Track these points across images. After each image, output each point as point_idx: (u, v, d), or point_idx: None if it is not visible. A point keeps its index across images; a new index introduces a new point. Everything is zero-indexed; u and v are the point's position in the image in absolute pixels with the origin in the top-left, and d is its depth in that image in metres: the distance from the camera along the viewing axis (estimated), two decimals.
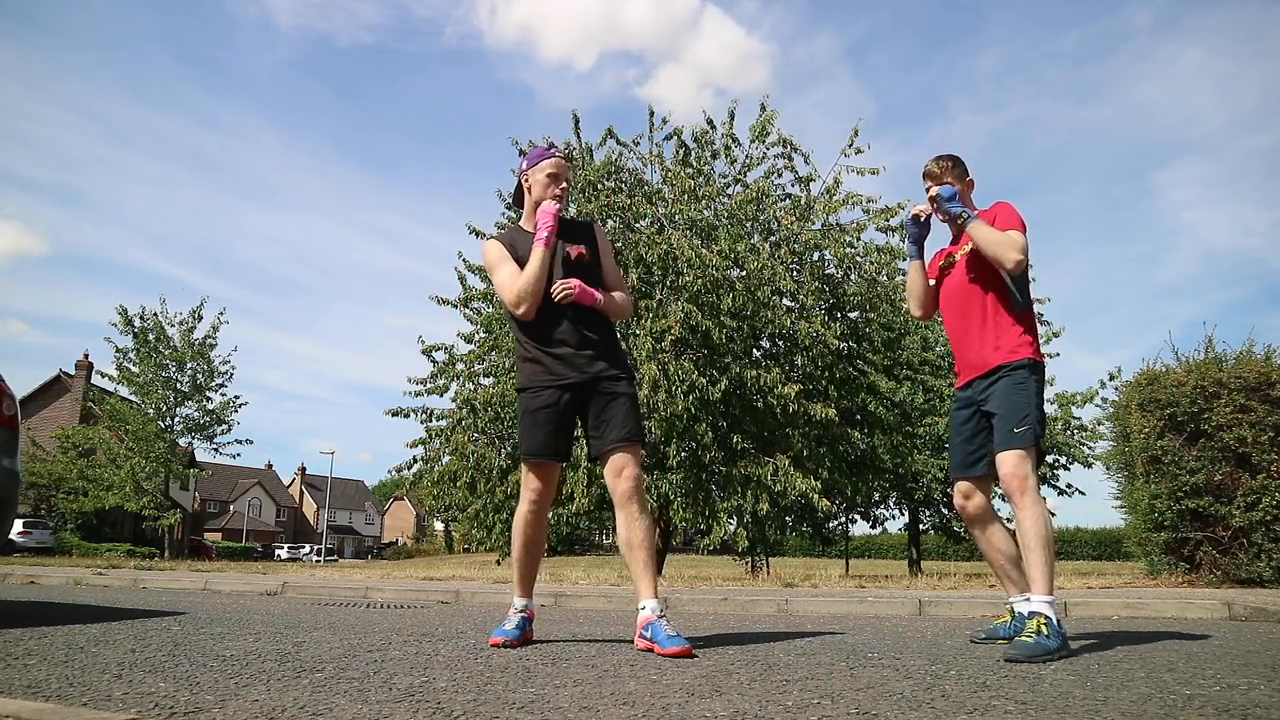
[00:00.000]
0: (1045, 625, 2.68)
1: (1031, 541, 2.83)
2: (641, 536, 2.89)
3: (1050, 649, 2.61)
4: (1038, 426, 2.95)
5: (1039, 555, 2.81)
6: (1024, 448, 2.91)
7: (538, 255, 3.01)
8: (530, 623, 3.11)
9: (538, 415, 3.04)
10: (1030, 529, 2.83)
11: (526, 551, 3.14)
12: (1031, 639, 2.64)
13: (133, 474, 21.99)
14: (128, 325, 21.75)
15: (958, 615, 4.62)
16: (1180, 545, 6.54)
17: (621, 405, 2.99)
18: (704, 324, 9.71)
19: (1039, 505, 2.88)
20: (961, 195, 3.20)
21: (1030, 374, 3.01)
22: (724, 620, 4.40)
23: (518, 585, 3.14)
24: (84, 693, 1.91)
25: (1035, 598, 2.79)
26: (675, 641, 2.63)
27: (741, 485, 10.11)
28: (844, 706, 1.83)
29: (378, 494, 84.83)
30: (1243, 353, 6.85)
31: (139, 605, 4.78)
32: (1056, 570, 3.02)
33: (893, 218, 10.99)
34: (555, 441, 3.04)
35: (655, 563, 2.92)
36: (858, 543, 47.70)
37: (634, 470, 2.92)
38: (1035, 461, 2.92)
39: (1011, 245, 2.97)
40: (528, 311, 3.02)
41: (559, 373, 3.02)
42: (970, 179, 3.26)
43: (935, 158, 3.25)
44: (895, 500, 21.02)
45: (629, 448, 2.94)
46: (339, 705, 1.79)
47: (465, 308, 12.16)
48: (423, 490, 11.97)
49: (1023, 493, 2.88)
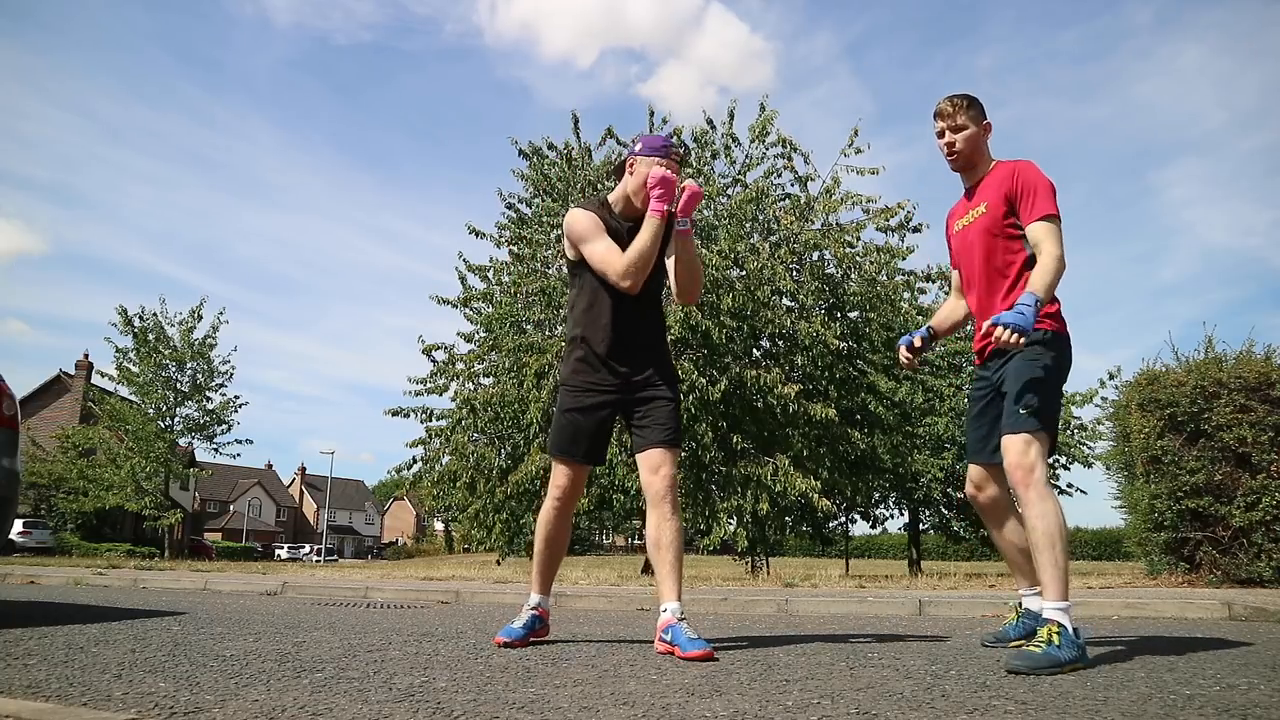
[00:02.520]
0: (1058, 634, 2.38)
1: (1040, 541, 2.52)
2: (670, 538, 2.84)
3: (1061, 660, 2.33)
4: (1049, 408, 2.61)
5: (1048, 556, 2.50)
6: (1031, 432, 2.57)
7: (652, 226, 2.85)
8: (541, 621, 3.08)
9: (574, 416, 2.99)
10: (1038, 527, 2.52)
11: (547, 548, 3.11)
12: (1040, 649, 2.36)
13: (133, 474, 21.99)
14: (128, 325, 21.74)
15: (958, 615, 4.62)
16: (1180, 545, 6.54)
17: (664, 407, 2.95)
18: (704, 324, 9.71)
19: (1048, 500, 2.54)
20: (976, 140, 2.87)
21: (1047, 348, 2.67)
22: (724, 620, 4.40)
23: (535, 581, 3.11)
24: (84, 693, 1.91)
25: (1048, 605, 2.48)
26: (696, 645, 2.59)
27: (741, 485, 10.11)
28: (844, 706, 1.83)
29: (378, 494, 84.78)
30: (1243, 353, 6.85)
31: (139, 605, 4.78)
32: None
33: (892, 218, 11.00)
34: (589, 445, 3.00)
35: (681, 565, 2.87)
36: (858, 543, 47.70)
37: (670, 470, 2.88)
38: (1046, 449, 2.59)
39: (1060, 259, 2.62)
40: (632, 285, 2.88)
41: (603, 378, 2.97)
42: (987, 122, 2.91)
43: (949, 96, 2.89)
44: (895, 500, 21.02)
45: (668, 448, 2.89)
46: (339, 705, 1.79)
47: (465, 308, 12.17)
48: (423, 490, 11.98)
49: (1028, 486, 2.55)
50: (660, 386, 2.97)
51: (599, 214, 2.98)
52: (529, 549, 12.36)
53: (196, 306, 22.63)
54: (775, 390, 9.69)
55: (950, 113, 2.86)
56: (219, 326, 22.87)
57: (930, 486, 19.60)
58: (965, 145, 2.87)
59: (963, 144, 2.87)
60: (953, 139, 2.88)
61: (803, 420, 10.13)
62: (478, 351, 11.66)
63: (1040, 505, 2.53)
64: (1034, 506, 2.54)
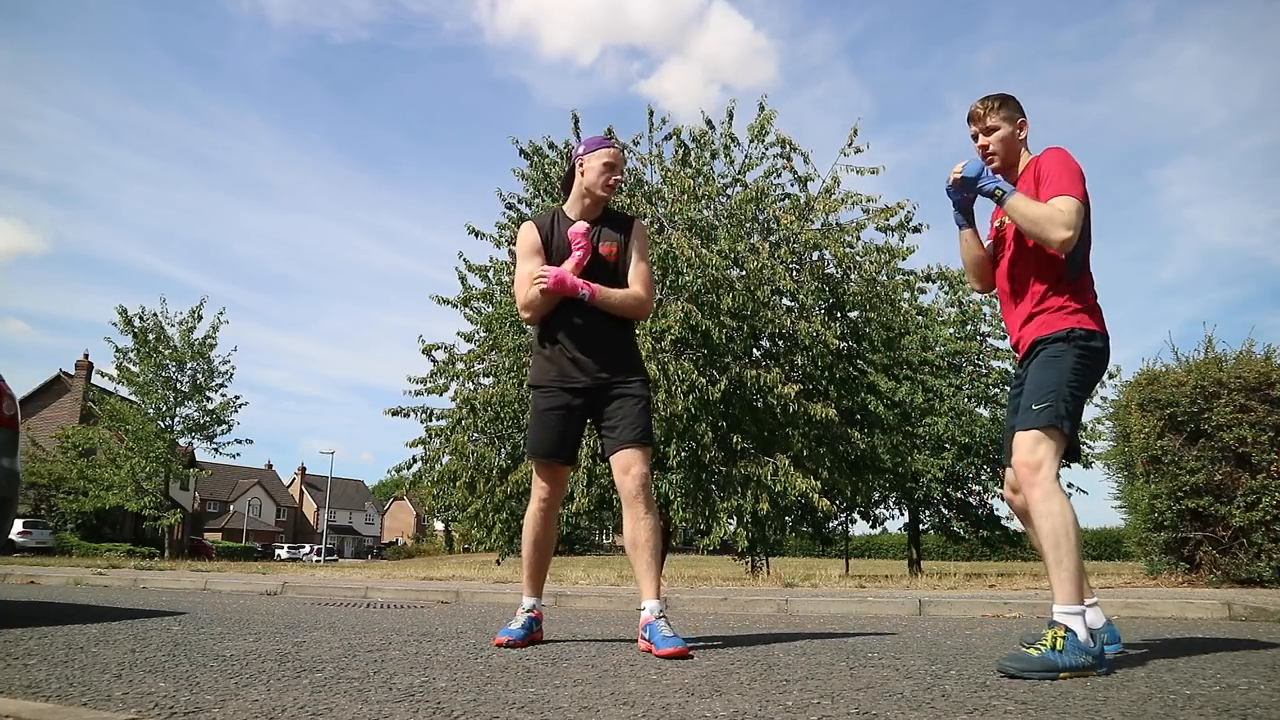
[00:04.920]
0: (1063, 638, 2.30)
1: (1046, 542, 2.44)
2: (645, 536, 2.87)
3: (1058, 666, 2.25)
4: (1062, 405, 2.49)
5: (1053, 557, 2.41)
6: (1040, 428, 2.49)
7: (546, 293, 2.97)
8: (538, 623, 3.11)
9: (546, 416, 3.04)
10: (1043, 527, 2.44)
11: (535, 550, 3.13)
12: (1038, 652, 2.29)
13: (133, 474, 22.00)
14: (128, 325, 21.75)
15: (958, 615, 4.62)
16: (1180, 545, 6.54)
17: (633, 406, 2.97)
18: (704, 324, 9.71)
19: (1054, 499, 2.44)
20: (1010, 141, 2.75)
21: (1070, 344, 2.56)
22: (724, 620, 4.40)
23: (526, 584, 3.14)
24: (84, 693, 1.91)
25: (1056, 608, 2.40)
26: (670, 642, 2.64)
27: (741, 485, 10.11)
28: (844, 706, 1.83)
29: (378, 494, 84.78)
30: (1243, 353, 6.85)
31: (139, 605, 4.78)
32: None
33: (892, 217, 11.00)
34: (562, 443, 3.03)
35: (659, 563, 2.90)
36: (858, 543, 47.70)
37: (641, 469, 2.89)
38: (1057, 447, 2.50)
39: (1056, 221, 2.50)
40: (531, 319, 3.05)
41: (570, 375, 3.01)
42: (1022, 119, 2.79)
43: (982, 98, 2.81)
44: (895, 500, 21.01)
45: (638, 447, 2.92)
46: (339, 705, 1.79)
47: (465, 307, 12.17)
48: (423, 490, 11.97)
49: (1032, 484, 2.47)
50: (629, 384, 3.00)
51: (543, 231, 3.11)
52: None
53: (197, 307, 22.67)
54: (775, 390, 9.69)
55: (981, 115, 2.78)
56: (219, 327, 22.90)
57: (930, 486, 19.59)
58: (1000, 147, 2.77)
59: (997, 146, 2.77)
60: (986, 142, 2.78)
61: (803, 420, 10.13)
62: (478, 351, 11.66)
63: (1044, 505, 2.44)
64: (1038, 506, 2.46)
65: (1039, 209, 2.54)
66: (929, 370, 17.52)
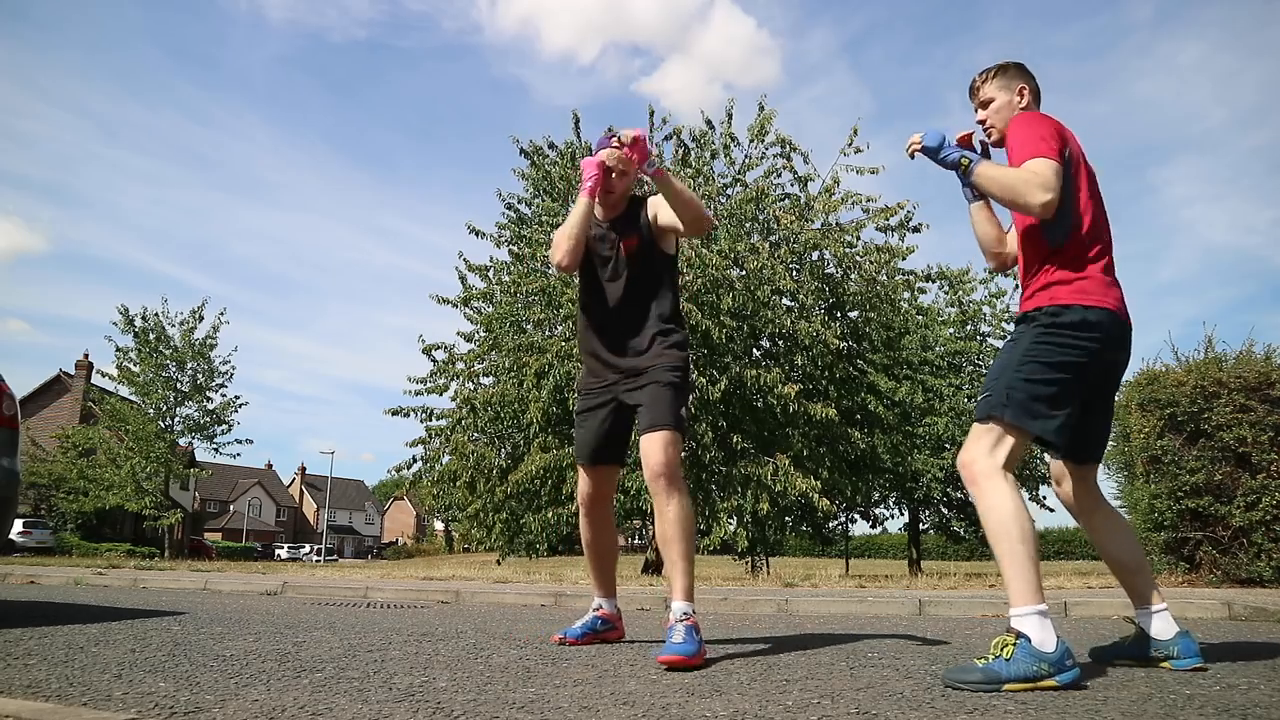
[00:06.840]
0: (1012, 646, 2.07)
1: (990, 539, 2.23)
2: (666, 530, 2.69)
3: (1002, 677, 2.03)
4: (1004, 394, 2.28)
5: (997, 554, 2.20)
6: (977, 420, 2.33)
7: (579, 205, 2.94)
8: (604, 622, 3.08)
9: (579, 419, 3.05)
10: (985, 523, 2.24)
11: (587, 551, 3.15)
12: (983, 661, 2.10)
13: (133, 474, 22.02)
14: (128, 325, 21.77)
15: (958, 615, 4.62)
16: (1180, 545, 6.54)
17: (649, 392, 2.82)
18: (704, 324, 9.71)
19: (991, 495, 2.23)
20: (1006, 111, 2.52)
21: (1029, 326, 2.36)
22: (724, 620, 4.40)
23: (593, 585, 3.19)
24: (84, 693, 1.91)
25: (1011, 611, 2.17)
26: (671, 649, 2.41)
27: (741, 485, 10.12)
28: (844, 706, 1.83)
29: (378, 494, 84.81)
30: (1243, 352, 6.85)
31: (139, 605, 4.78)
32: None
33: (892, 217, 11.00)
34: (597, 444, 2.99)
35: (687, 560, 2.68)
36: (858, 543, 47.73)
37: (658, 456, 2.69)
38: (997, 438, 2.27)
39: (1033, 184, 2.25)
40: (562, 258, 2.92)
41: (602, 375, 2.99)
42: (1022, 86, 2.53)
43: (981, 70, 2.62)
44: (895, 500, 21.03)
45: (653, 431, 2.73)
46: (339, 705, 1.79)
47: (465, 307, 12.18)
48: (423, 490, 11.99)
49: (971, 481, 2.29)
50: (654, 369, 2.86)
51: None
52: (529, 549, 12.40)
53: (198, 307, 22.71)
54: (775, 390, 9.70)
55: (977, 87, 2.59)
56: (219, 327, 22.92)
57: (930, 486, 19.60)
58: (996, 119, 2.54)
59: (993, 118, 2.54)
60: (983, 116, 2.57)
61: (803, 420, 10.14)
62: (478, 351, 11.68)
63: (981, 502, 2.25)
64: (979, 502, 2.26)
65: (1010, 174, 2.31)
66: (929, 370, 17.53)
